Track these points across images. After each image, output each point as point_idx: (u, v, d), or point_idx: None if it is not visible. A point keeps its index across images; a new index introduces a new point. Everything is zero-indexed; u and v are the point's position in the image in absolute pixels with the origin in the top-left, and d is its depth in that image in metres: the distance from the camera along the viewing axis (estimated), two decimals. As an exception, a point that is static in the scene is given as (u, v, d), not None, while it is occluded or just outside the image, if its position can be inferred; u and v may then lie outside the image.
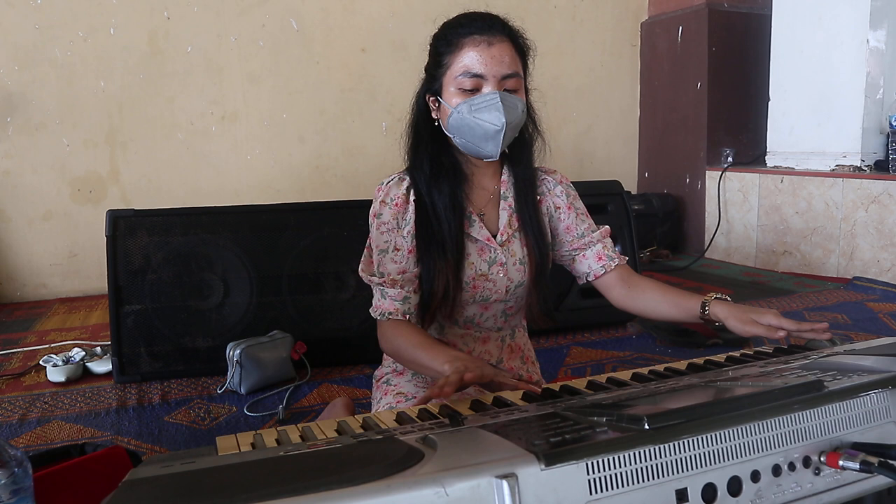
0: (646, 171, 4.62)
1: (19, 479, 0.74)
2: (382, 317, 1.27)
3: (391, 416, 0.92)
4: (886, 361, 0.87)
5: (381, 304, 1.27)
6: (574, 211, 1.39)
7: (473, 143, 1.24)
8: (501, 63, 1.20)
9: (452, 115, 1.23)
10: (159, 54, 3.51)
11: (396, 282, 1.26)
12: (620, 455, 0.62)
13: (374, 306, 1.29)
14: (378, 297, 1.28)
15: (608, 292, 1.38)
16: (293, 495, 0.53)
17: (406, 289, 1.26)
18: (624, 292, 1.35)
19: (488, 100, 1.20)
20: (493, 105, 1.20)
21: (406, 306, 1.26)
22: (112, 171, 3.51)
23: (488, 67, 1.20)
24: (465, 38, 1.21)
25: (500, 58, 1.20)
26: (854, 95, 3.35)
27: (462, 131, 1.23)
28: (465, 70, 1.20)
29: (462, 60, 1.21)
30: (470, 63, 1.20)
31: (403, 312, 1.26)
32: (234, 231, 2.23)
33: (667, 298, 1.31)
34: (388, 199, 1.29)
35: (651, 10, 4.50)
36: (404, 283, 1.26)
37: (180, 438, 1.76)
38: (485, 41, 1.20)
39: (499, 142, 1.22)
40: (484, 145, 1.24)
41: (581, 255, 1.38)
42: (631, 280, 1.36)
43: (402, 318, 1.26)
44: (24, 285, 3.46)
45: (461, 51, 1.21)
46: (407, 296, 1.27)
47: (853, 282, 3.22)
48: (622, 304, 1.37)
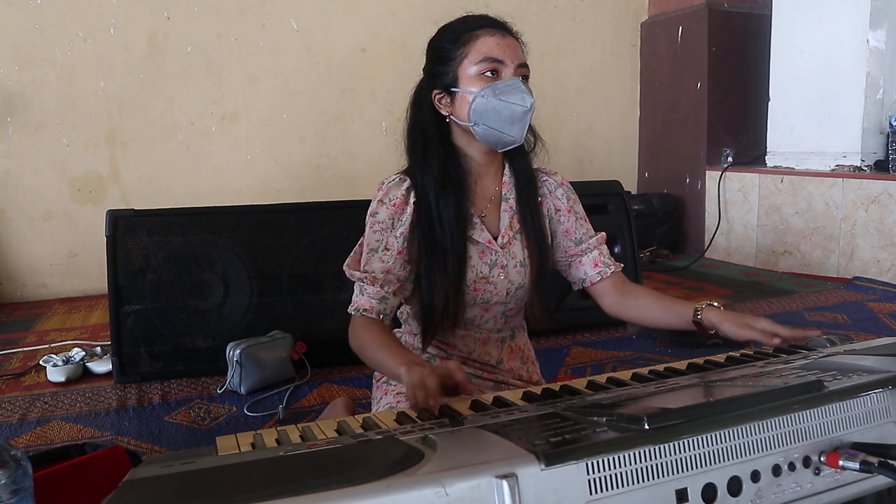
0: (646, 171, 4.62)
1: (19, 479, 0.74)
2: (357, 312, 1.25)
3: (391, 416, 0.92)
4: (886, 361, 0.87)
5: (358, 299, 1.26)
6: (574, 214, 1.39)
7: (497, 128, 1.23)
8: (516, 52, 1.24)
9: (476, 100, 1.22)
10: (159, 54, 3.51)
11: (377, 280, 1.24)
12: (620, 455, 0.62)
13: (352, 301, 1.27)
14: (357, 292, 1.27)
15: (601, 299, 1.39)
16: (293, 495, 0.53)
17: (386, 289, 1.25)
18: (617, 299, 1.37)
19: (511, 83, 1.21)
20: (517, 87, 1.21)
21: (382, 306, 1.25)
22: (112, 171, 3.51)
23: (507, 54, 1.22)
24: (478, 29, 1.24)
25: (515, 47, 1.24)
26: (854, 95, 3.35)
27: (487, 115, 1.22)
28: (486, 55, 1.22)
29: (480, 47, 1.22)
30: (489, 49, 1.22)
31: (378, 312, 1.24)
32: (234, 231, 2.23)
33: (660, 304, 1.32)
34: (386, 198, 1.28)
35: (651, 10, 4.50)
36: (385, 283, 1.25)
37: (180, 438, 1.76)
38: (499, 33, 1.24)
39: (525, 124, 1.24)
40: (509, 129, 1.23)
41: (577, 262, 1.39)
42: (624, 287, 1.37)
43: (375, 316, 1.24)
44: (24, 285, 3.46)
45: (477, 40, 1.23)
46: (385, 296, 1.25)
47: (853, 282, 3.22)
48: (614, 311, 1.38)
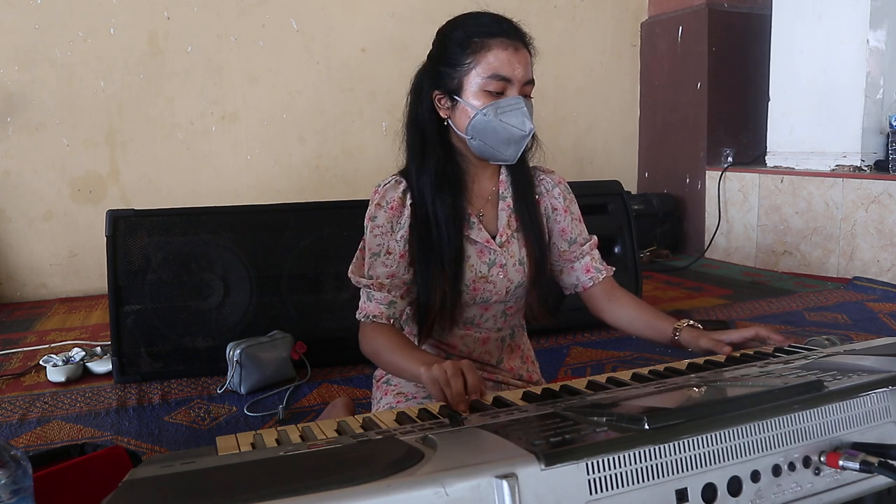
0: (646, 171, 4.62)
1: (19, 479, 0.74)
2: (367, 319, 1.25)
3: (391, 416, 0.92)
4: (886, 361, 0.87)
5: (366, 306, 1.26)
6: (570, 214, 1.38)
7: (493, 147, 1.23)
8: (525, 69, 1.20)
9: (477, 117, 1.20)
10: (159, 54, 3.51)
11: (384, 286, 1.25)
12: (620, 455, 0.62)
13: (360, 308, 1.28)
14: (364, 299, 1.28)
15: (590, 302, 1.40)
16: (293, 495, 0.53)
17: (393, 293, 1.25)
18: (604, 304, 1.37)
19: (514, 104, 1.19)
20: (519, 110, 1.19)
21: (391, 311, 1.25)
22: (112, 171, 3.51)
23: (516, 72, 1.19)
24: (493, 38, 1.19)
25: (524, 64, 1.20)
26: (854, 95, 3.35)
27: (485, 134, 1.21)
28: (494, 72, 1.18)
29: (491, 62, 1.18)
30: (499, 66, 1.18)
31: (388, 317, 1.25)
32: (234, 231, 2.23)
33: (642, 318, 1.33)
34: (383, 202, 1.27)
35: (651, 10, 4.50)
36: (392, 287, 1.25)
37: (180, 438, 1.76)
38: (512, 46, 1.19)
39: (521, 147, 1.22)
40: (504, 149, 1.23)
41: (570, 267, 1.39)
42: (613, 293, 1.38)
43: (385, 322, 1.24)
44: (24, 285, 3.46)
45: (489, 52, 1.19)
46: (393, 300, 1.25)
47: (853, 282, 3.22)
48: (601, 316, 1.39)
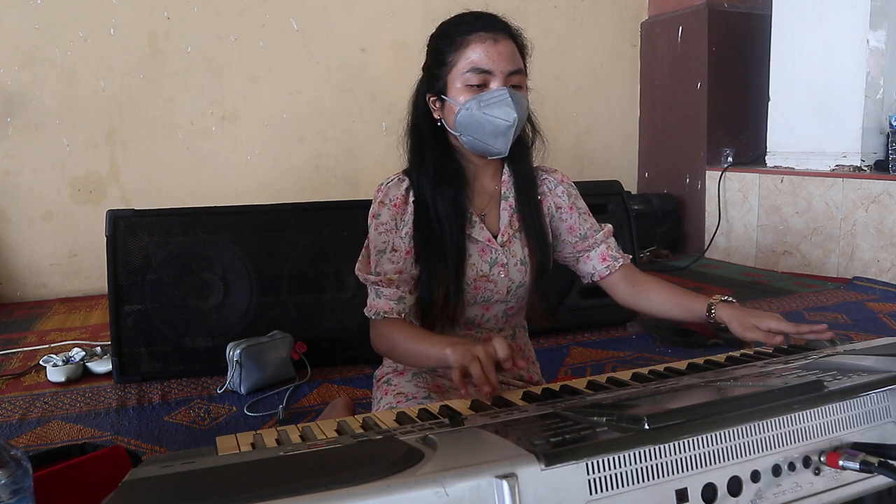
0: (646, 171, 4.62)
1: (19, 479, 0.74)
2: (377, 316, 1.25)
3: (391, 416, 0.92)
4: (886, 361, 0.87)
5: (376, 303, 1.26)
6: (576, 210, 1.38)
7: (482, 141, 1.23)
8: (507, 59, 1.20)
9: (461, 112, 1.21)
10: (159, 54, 3.51)
11: (392, 281, 1.25)
12: (620, 455, 0.62)
13: (369, 305, 1.27)
14: (373, 296, 1.27)
15: (612, 290, 1.39)
16: (293, 495, 0.53)
17: (402, 289, 1.25)
18: (629, 291, 1.36)
19: (497, 95, 1.19)
20: (502, 100, 1.19)
21: (401, 306, 1.25)
22: (112, 171, 3.51)
23: (495, 63, 1.19)
24: (470, 34, 1.21)
25: (506, 54, 1.20)
26: (854, 95, 3.35)
27: (471, 128, 1.22)
28: (473, 66, 1.19)
29: (469, 56, 1.20)
30: (477, 59, 1.19)
31: (399, 312, 1.25)
32: (234, 231, 2.23)
33: (672, 299, 1.32)
34: (386, 199, 1.28)
35: (651, 10, 4.50)
36: (400, 283, 1.25)
37: (180, 438, 1.76)
38: (490, 38, 1.20)
39: (509, 138, 1.22)
40: (493, 142, 1.23)
41: (585, 257, 1.38)
42: (636, 279, 1.37)
43: (396, 317, 1.24)
44: (24, 285, 3.46)
45: (467, 47, 1.20)
46: (402, 296, 1.25)
47: (853, 282, 3.22)
48: (627, 303, 1.38)
